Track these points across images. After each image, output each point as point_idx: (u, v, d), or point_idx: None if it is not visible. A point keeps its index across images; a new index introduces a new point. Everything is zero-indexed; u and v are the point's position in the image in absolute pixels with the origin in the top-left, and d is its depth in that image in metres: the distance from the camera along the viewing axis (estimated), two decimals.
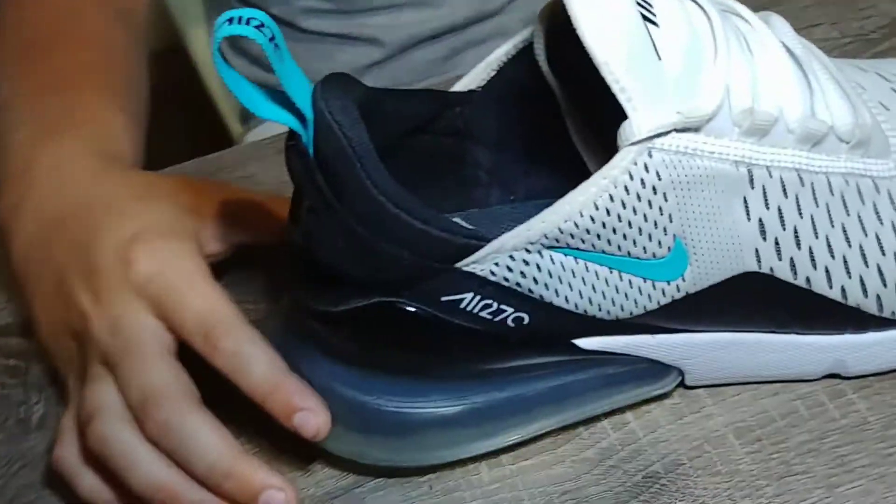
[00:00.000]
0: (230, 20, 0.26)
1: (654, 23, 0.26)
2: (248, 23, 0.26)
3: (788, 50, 0.30)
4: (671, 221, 0.28)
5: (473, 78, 0.32)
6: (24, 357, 0.38)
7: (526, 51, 0.32)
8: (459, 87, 0.32)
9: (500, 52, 0.32)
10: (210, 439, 0.30)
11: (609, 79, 0.25)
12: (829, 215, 0.30)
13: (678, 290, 0.30)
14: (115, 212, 0.34)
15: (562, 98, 0.32)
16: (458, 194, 0.34)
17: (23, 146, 0.37)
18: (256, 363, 0.30)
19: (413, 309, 0.28)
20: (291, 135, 0.29)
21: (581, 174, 0.29)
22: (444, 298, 0.28)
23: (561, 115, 0.33)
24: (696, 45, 0.27)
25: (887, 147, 0.31)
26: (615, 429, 0.34)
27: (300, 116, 0.28)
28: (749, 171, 0.28)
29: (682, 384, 0.34)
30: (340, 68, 0.33)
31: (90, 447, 0.31)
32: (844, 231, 0.30)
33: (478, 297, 0.28)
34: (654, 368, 0.33)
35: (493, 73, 0.32)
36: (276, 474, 0.30)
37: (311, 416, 0.30)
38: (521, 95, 0.33)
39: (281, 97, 0.28)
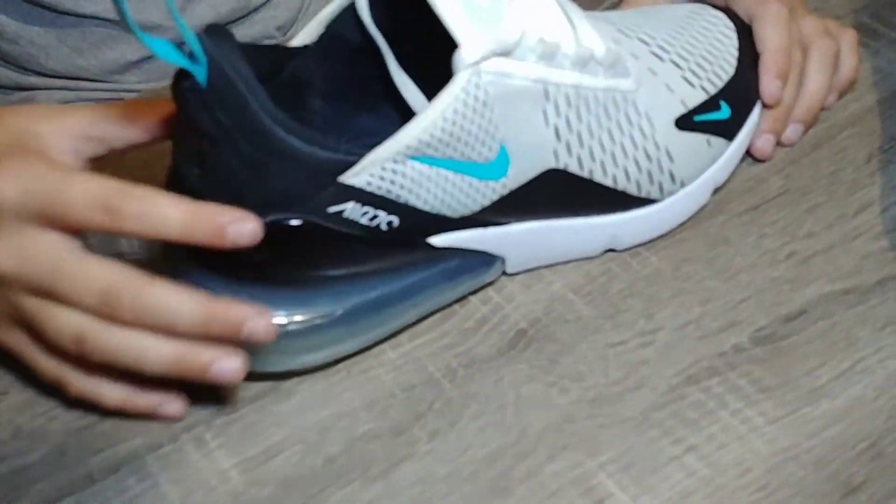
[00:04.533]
0: None
1: None
2: None
3: (558, 3, 0.39)
4: (497, 129, 0.37)
5: (307, 34, 0.39)
6: None
7: (350, 8, 0.40)
8: (295, 42, 0.39)
9: (328, 11, 0.39)
10: (179, 299, 0.33)
11: (444, 18, 0.34)
12: (599, 121, 0.40)
13: (504, 187, 0.39)
14: None
15: (384, 47, 0.40)
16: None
17: None
18: (169, 208, 0.32)
19: (301, 222, 0.35)
20: (182, 75, 0.33)
21: (400, 114, 0.37)
22: (330, 209, 0.35)
23: (380, 63, 0.41)
24: None
25: (626, 69, 0.41)
26: (484, 304, 0.43)
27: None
28: (545, 88, 0.37)
29: (504, 273, 0.44)
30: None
31: (96, 363, 0.33)
32: (609, 133, 0.41)
33: (358, 206, 0.35)
34: (485, 259, 0.42)
35: (322, 30, 0.39)
36: (247, 305, 0.33)
37: (241, 224, 0.32)
38: (346, 48, 0.40)
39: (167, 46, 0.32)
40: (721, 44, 0.46)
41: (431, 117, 0.35)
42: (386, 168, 0.35)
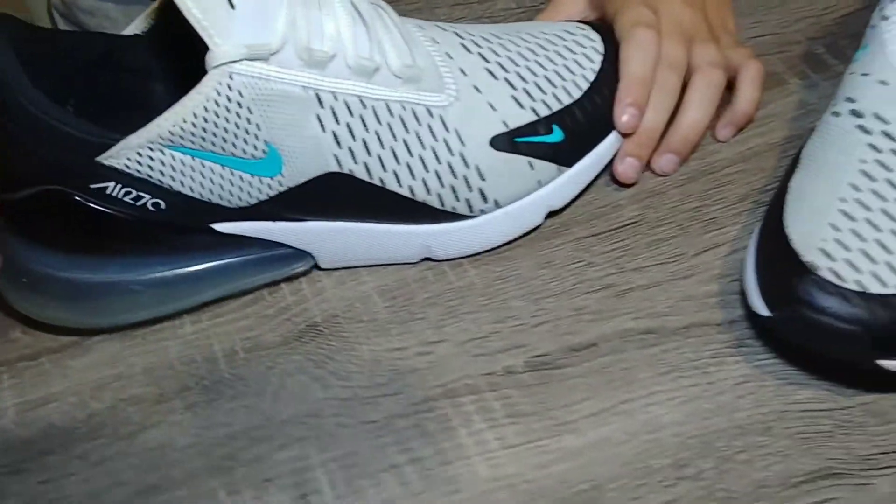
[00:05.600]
0: None
1: None
2: None
3: (357, 10, 0.41)
4: (259, 129, 0.39)
5: (138, 23, 0.42)
6: None
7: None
8: (129, 30, 0.42)
9: (156, 3, 0.42)
10: None
11: (192, 21, 0.36)
12: (392, 132, 0.41)
13: (280, 185, 0.40)
14: None
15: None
16: (145, 120, 0.44)
17: None
18: None
19: (71, 194, 0.38)
20: None
21: None
22: (92, 186, 0.38)
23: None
24: (264, 1, 0.37)
25: (442, 84, 0.42)
26: (292, 294, 0.45)
27: None
28: (317, 95, 0.39)
29: (316, 267, 0.45)
30: None
31: None
32: (406, 144, 0.41)
33: (119, 185, 0.39)
34: (287, 253, 0.44)
35: (151, 21, 0.43)
36: None
37: None
38: (171, 36, 0.43)
39: None
40: (579, 67, 0.45)
41: (180, 113, 0.37)
42: (142, 154, 0.38)
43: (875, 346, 0.36)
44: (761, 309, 0.39)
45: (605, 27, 0.48)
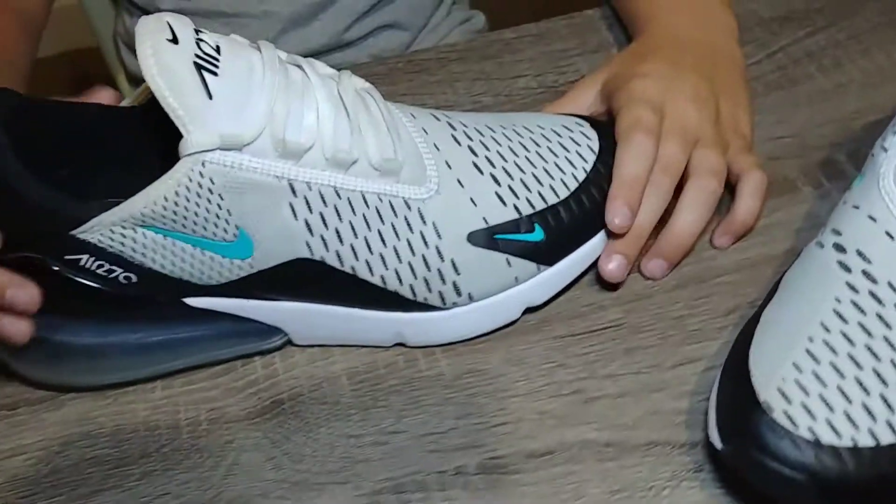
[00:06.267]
0: None
1: (214, 73, 0.38)
2: None
3: (343, 102, 0.41)
4: (230, 215, 0.39)
5: (135, 97, 0.43)
6: None
7: None
8: (125, 103, 0.44)
9: None
10: None
11: (167, 109, 0.37)
12: (367, 222, 0.41)
13: (251, 267, 0.41)
14: None
15: None
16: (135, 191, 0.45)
17: None
18: None
19: (48, 262, 0.40)
20: None
21: None
22: (66, 257, 0.40)
23: None
24: (246, 93, 0.38)
25: (424, 177, 0.42)
26: (264, 367, 0.46)
27: None
28: (290, 185, 0.39)
29: (291, 342, 0.46)
30: None
31: None
32: (380, 235, 0.42)
33: (93, 258, 0.40)
34: (261, 328, 0.44)
35: (149, 94, 0.44)
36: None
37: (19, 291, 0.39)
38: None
39: None
40: (570, 165, 0.45)
41: (152, 196, 0.38)
42: (115, 231, 0.39)
43: (822, 496, 0.35)
44: (715, 440, 0.38)
45: (604, 124, 0.48)
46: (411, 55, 0.62)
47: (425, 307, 0.44)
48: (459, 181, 0.43)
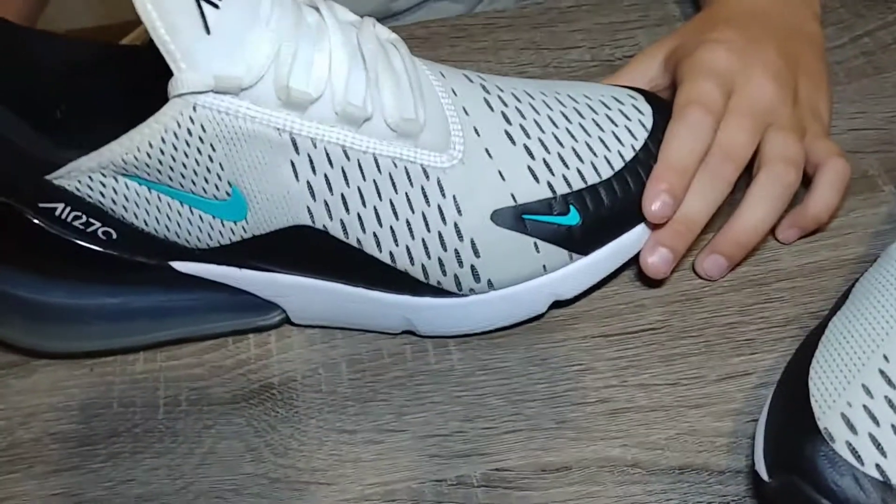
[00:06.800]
0: None
1: (214, 5, 0.33)
2: None
3: (361, 51, 0.36)
4: (223, 169, 0.35)
5: (136, 35, 0.39)
6: None
7: None
8: (126, 41, 0.39)
9: None
10: None
11: (157, 42, 0.32)
12: (377, 189, 0.36)
13: (244, 231, 0.36)
14: None
15: None
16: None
17: None
18: None
19: (20, 209, 0.35)
20: None
21: None
22: (40, 205, 0.35)
23: None
24: (249, 30, 0.33)
25: (447, 143, 0.37)
26: (257, 346, 0.41)
27: None
28: (293, 139, 0.35)
29: (289, 321, 0.41)
30: None
31: None
32: (392, 205, 0.37)
33: (69, 209, 0.35)
34: (255, 301, 0.40)
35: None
36: None
37: None
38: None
39: None
40: (617, 142, 0.39)
41: (136, 140, 0.33)
42: (93, 179, 0.34)
43: None
44: (761, 470, 0.32)
45: (662, 99, 0.42)
46: (456, 19, 0.56)
47: (438, 292, 0.38)
48: (488, 151, 0.38)
